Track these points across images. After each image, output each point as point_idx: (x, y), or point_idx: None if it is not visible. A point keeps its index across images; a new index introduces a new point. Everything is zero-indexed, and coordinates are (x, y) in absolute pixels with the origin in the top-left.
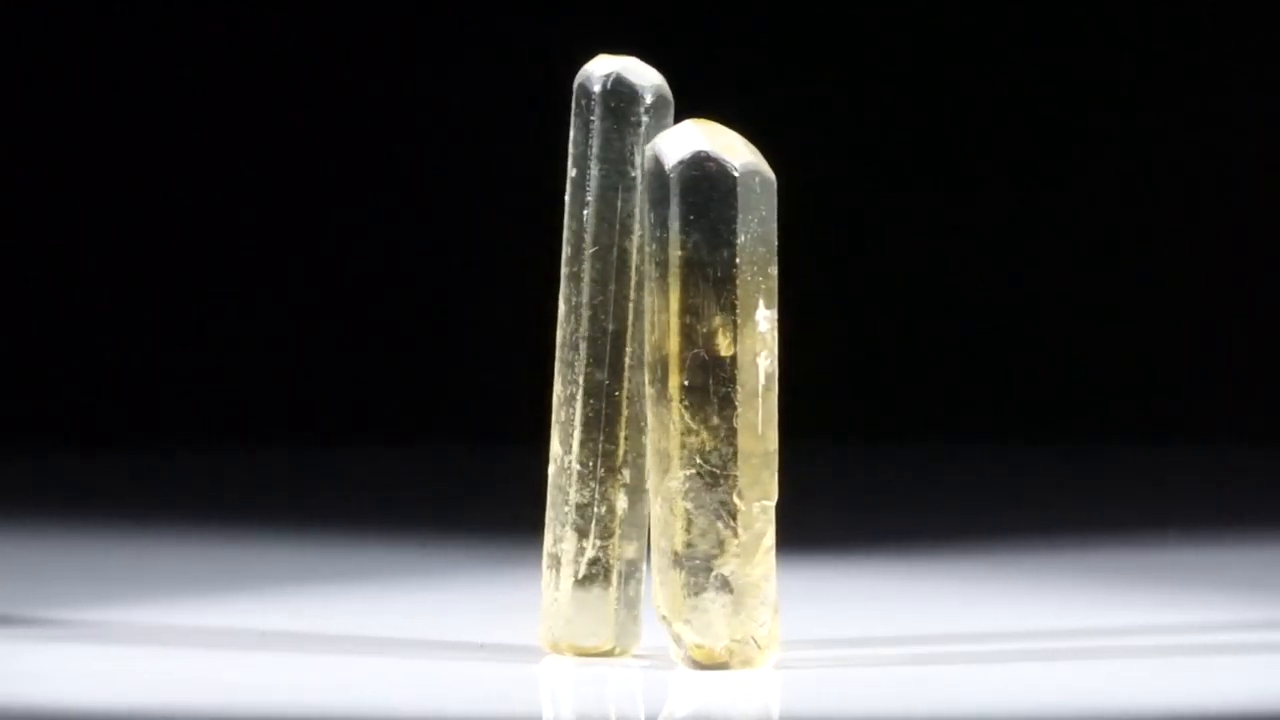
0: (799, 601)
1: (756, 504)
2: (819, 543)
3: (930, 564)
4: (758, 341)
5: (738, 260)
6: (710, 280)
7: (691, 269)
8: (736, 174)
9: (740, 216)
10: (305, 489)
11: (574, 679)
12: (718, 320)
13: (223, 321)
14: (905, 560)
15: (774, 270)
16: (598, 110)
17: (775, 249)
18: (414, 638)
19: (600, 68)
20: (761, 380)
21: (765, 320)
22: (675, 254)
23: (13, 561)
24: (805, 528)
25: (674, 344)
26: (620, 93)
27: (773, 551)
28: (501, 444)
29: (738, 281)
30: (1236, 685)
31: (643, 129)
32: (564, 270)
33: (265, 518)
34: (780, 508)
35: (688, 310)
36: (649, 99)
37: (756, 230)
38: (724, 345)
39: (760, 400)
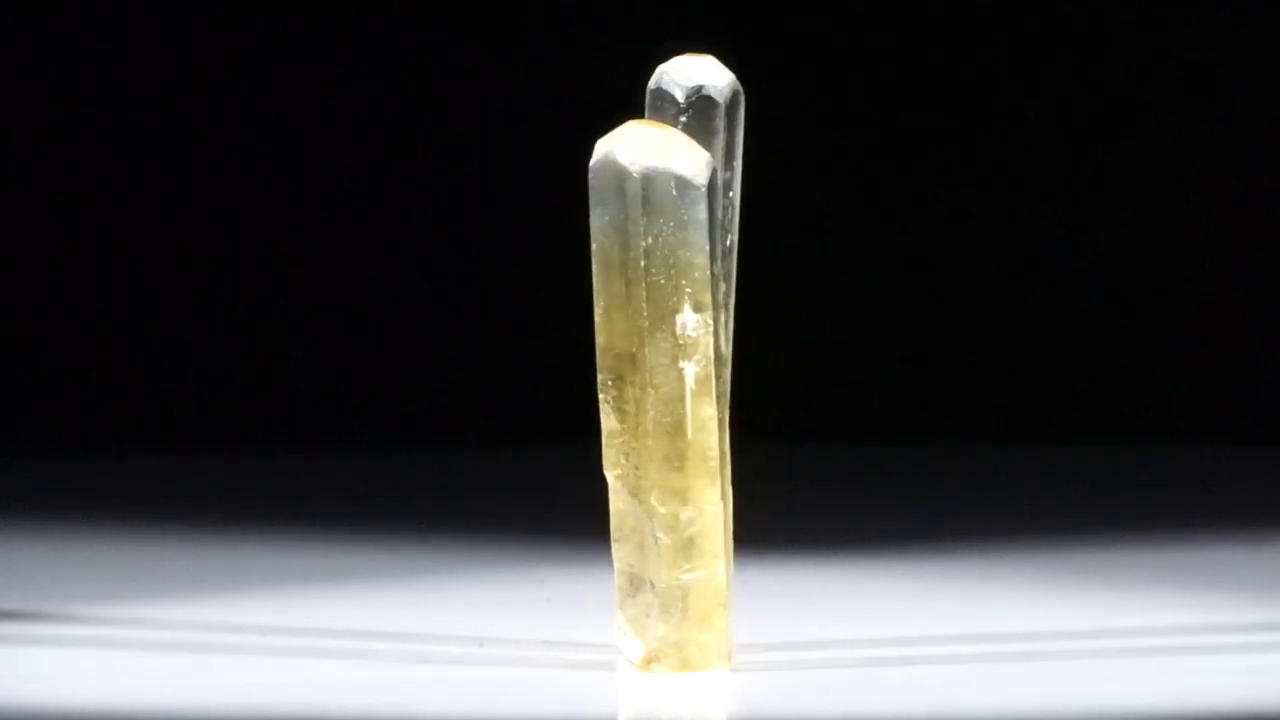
0: (795, 602)
1: (687, 510)
2: (812, 543)
3: (925, 565)
4: (679, 345)
5: (643, 263)
6: (624, 281)
7: (608, 269)
8: (637, 176)
9: (646, 220)
10: (306, 489)
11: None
12: (615, 322)
13: (224, 321)
14: (899, 561)
15: (702, 275)
16: (647, 110)
17: (704, 252)
18: (417, 638)
19: (661, 67)
20: (690, 383)
21: (693, 324)
22: (595, 254)
23: (13, 561)
24: (799, 528)
25: (600, 342)
26: (663, 92)
27: (718, 558)
28: (510, 446)
29: (646, 283)
30: (1234, 685)
31: (679, 129)
32: None
33: (265, 518)
34: (750, 511)
35: (611, 310)
36: (684, 99)
37: (673, 234)
38: (635, 347)
39: (688, 405)
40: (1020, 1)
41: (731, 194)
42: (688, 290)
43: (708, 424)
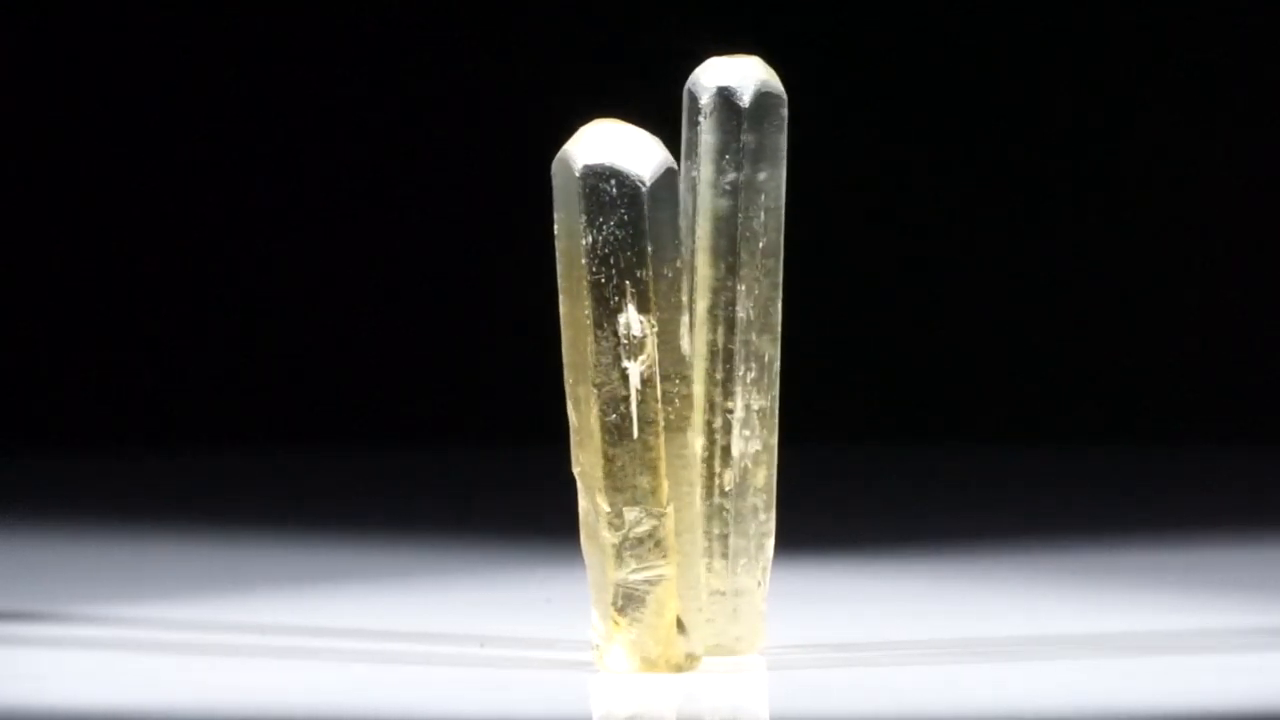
0: (793, 602)
1: (633, 510)
2: (811, 544)
3: (924, 565)
4: (622, 345)
5: (583, 260)
6: (572, 279)
7: (569, 266)
8: (578, 174)
9: (586, 217)
10: (305, 489)
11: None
12: (576, 319)
13: (224, 321)
14: (898, 562)
15: (646, 274)
16: (685, 113)
17: (647, 252)
18: (417, 637)
19: (699, 67)
20: (635, 383)
21: (637, 325)
22: (558, 251)
23: (13, 561)
24: (798, 529)
25: (565, 338)
26: (692, 94)
27: (665, 560)
28: (509, 446)
29: (587, 282)
30: (1233, 685)
31: (700, 131)
32: None
33: (265, 518)
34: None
35: (563, 308)
36: (704, 102)
37: (614, 233)
38: (580, 345)
39: (633, 405)
40: (1021, 1)
41: (763, 197)
42: (631, 290)
43: (653, 424)
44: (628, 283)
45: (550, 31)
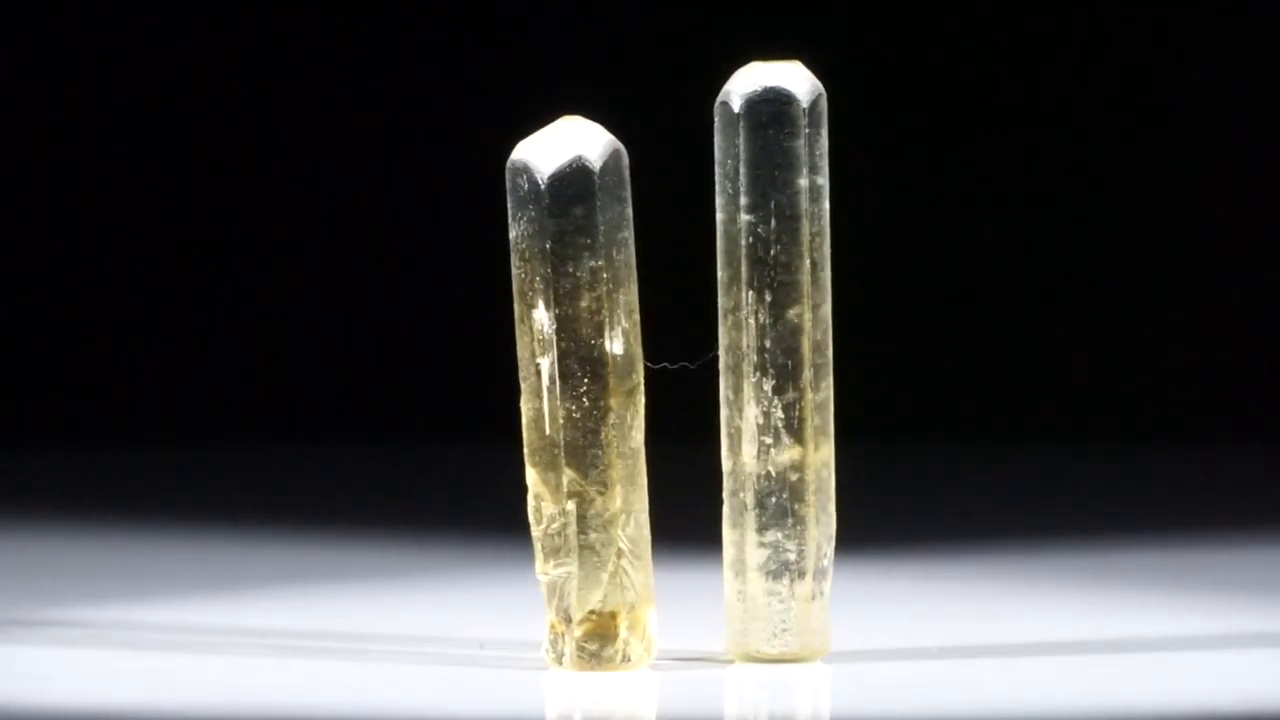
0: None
1: (550, 505)
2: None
3: (923, 566)
4: (537, 340)
5: (512, 254)
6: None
7: None
8: (507, 169)
9: (511, 211)
10: (305, 489)
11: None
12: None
13: (224, 320)
14: (896, 562)
15: (548, 271)
16: None
17: (546, 250)
18: (415, 638)
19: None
20: (545, 380)
21: (547, 321)
22: None
23: (13, 561)
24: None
25: None
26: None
27: (572, 557)
28: (509, 446)
29: (512, 276)
30: (1236, 685)
31: (715, 135)
32: None
33: (264, 518)
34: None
35: None
36: (718, 104)
37: (528, 228)
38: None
39: (544, 401)
40: (1020, 2)
41: (773, 205)
42: (540, 286)
43: (562, 421)
44: (537, 279)
45: (574, 30)
